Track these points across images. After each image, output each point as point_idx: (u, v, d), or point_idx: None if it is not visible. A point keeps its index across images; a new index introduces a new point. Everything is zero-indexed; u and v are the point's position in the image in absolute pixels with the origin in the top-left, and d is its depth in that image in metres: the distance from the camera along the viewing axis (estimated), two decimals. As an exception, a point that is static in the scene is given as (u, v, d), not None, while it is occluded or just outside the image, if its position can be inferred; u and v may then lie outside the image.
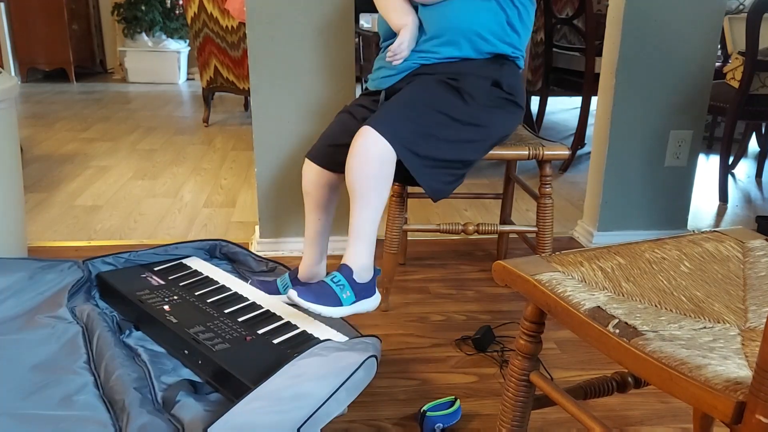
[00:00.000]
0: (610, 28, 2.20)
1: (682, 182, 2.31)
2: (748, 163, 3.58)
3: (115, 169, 3.20)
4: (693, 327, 0.81)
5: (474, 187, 2.94)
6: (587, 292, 0.88)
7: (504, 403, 1.02)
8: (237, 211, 2.65)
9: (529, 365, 0.99)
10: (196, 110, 4.70)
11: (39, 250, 2.18)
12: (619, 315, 0.81)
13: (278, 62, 2.04)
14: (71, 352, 1.42)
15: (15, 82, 1.83)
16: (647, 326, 0.79)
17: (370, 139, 1.41)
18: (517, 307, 1.88)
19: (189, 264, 1.80)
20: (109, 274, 1.71)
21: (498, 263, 0.98)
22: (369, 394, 1.46)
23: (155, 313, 1.48)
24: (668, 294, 0.89)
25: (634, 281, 0.92)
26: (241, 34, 3.69)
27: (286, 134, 2.12)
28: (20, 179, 1.92)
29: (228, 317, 1.48)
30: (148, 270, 1.74)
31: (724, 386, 0.65)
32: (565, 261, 0.97)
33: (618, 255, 0.99)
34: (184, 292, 1.61)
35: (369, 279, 1.50)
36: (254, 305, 1.55)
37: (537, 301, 0.92)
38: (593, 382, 1.04)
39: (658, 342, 0.74)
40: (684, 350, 0.72)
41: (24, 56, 5.60)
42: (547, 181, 1.76)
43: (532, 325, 0.98)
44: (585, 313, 0.82)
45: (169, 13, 5.78)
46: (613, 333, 0.78)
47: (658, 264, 0.97)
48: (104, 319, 1.55)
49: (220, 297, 1.60)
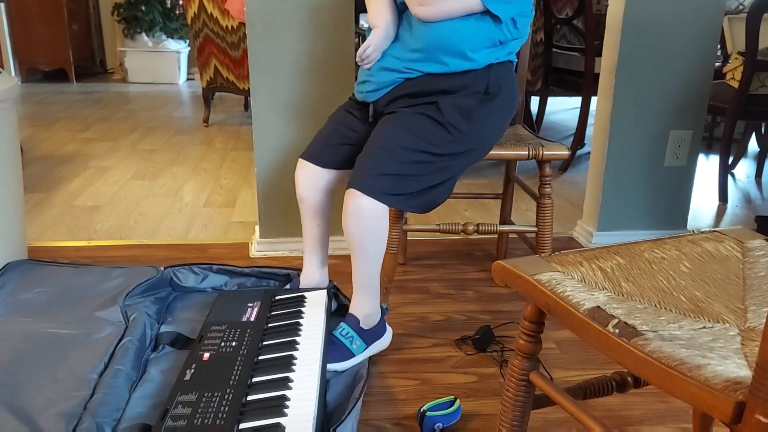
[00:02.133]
0: (610, 28, 2.20)
1: (681, 182, 2.31)
2: (747, 163, 3.58)
3: (115, 170, 3.20)
4: (692, 327, 0.81)
5: (474, 187, 2.94)
6: (587, 292, 0.88)
7: (504, 402, 1.02)
8: (237, 211, 2.65)
9: (528, 365, 0.99)
10: (196, 110, 4.70)
11: (39, 250, 2.18)
12: (619, 315, 0.81)
13: (278, 62, 2.04)
14: (92, 356, 1.43)
15: (15, 82, 1.83)
16: (647, 326, 0.79)
17: (358, 200, 1.44)
18: (517, 307, 1.88)
19: (306, 301, 1.66)
20: (228, 293, 1.73)
21: (498, 263, 0.98)
22: (369, 394, 1.47)
23: (190, 359, 1.41)
24: (668, 294, 0.89)
25: (633, 281, 0.92)
26: (241, 34, 3.69)
27: (286, 134, 2.12)
28: (20, 179, 1.92)
29: (239, 391, 1.29)
30: (263, 299, 1.67)
31: (724, 386, 0.65)
32: (564, 261, 0.97)
33: (617, 255, 0.98)
34: (251, 338, 1.49)
35: (377, 323, 1.59)
36: (286, 382, 1.33)
37: (537, 301, 0.92)
38: (593, 381, 1.04)
39: (657, 342, 0.74)
40: (683, 350, 0.72)
41: (24, 56, 5.60)
42: (547, 181, 1.76)
43: (532, 325, 0.98)
44: (585, 313, 0.82)
45: (169, 13, 5.78)
46: (612, 333, 0.78)
47: (658, 264, 0.97)
48: (143, 327, 1.53)
49: (275, 357, 1.42)
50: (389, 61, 1.54)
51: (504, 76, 1.56)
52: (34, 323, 1.56)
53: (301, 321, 1.55)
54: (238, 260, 2.15)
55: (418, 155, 1.47)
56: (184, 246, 2.28)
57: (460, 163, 1.55)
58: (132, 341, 1.47)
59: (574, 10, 3.46)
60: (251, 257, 2.19)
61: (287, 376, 1.34)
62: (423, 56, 1.50)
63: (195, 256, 2.16)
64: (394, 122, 1.52)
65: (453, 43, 1.47)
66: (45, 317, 1.59)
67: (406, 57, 1.51)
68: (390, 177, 1.46)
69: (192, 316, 1.68)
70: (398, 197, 1.48)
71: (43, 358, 1.42)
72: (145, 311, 1.61)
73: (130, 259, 2.15)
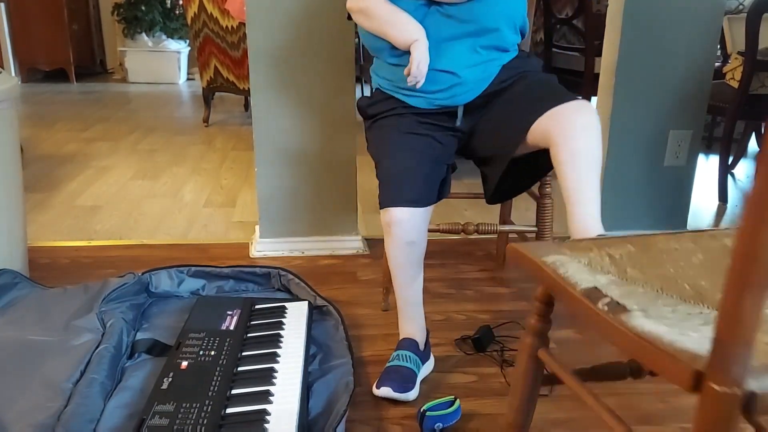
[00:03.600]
0: (610, 27, 2.20)
1: (681, 182, 2.31)
2: (747, 163, 3.58)
3: (115, 169, 3.21)
4: (688, 311, 0.83)
5: (474, 187, 2.94)
6: (589, 274, 0.90)
7: (516, 379, 1.06)
8: (237, 211, 2.65)
9: (538, 342, 1.02)
10: (196, 110, 4.70)
11: (39, 250, 2.18)
12: (615, 296, 0.83)
13: (278, 62, 2.04)
14: (68, 364, 1.39)
15: (15, 82, 1.83)
16: (637, 306, 0.81)
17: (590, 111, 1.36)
18: (517, 306, 1.88)
19: (287, 312, 1.64)
20: (207, 299, 1.70)
21: (511, 245, 1.01)
22: (369, 393, 1.47)
23: (167, 367, 1.38)
24: (672, 281, 0.90)
25: (640, 268, 0.93)
26: (241, 34, 3.68)
27: (286, 134, 2.12)
28: (20, 179, 1.92)
29: (218, 403, 1.26)
30: (243, 307, 1.65)
31: (687, 358, 0.69)
32: (575, 246, 1.00)
33: (630, 244, 1.01)
34: (231, 348, 1.45)
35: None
36: (266, 396, 1.30)
37: (541, 280, 0.96)
38: (602, 365, 1.06)
39: (641, 319, 0.77)
40: (665, 327, 0.75)
41: (24, 56, 5.61)
42: (547, 181, 1.76)
43: (542, 306, 1.01)
44: (580, 292, 0.85)
45: (169, 13, 5.78)
46: (601, 310, 0.81)
47: (669, 254, 0.98)
48: (120, 334, 1.50)
49: (255, 369, 1.39)
50: (469, 57, 1.47)
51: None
52: (8, 330, 1.52)
53: (282, 333, 1.54)
54: (238, 260, 2.15)
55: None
56: (184, 246, 2.28)
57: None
58: (108, 348, 1.44)
59: (574, 10, 3.46)
60: (251, 257, 2.19)
61: (268, 390, 1.31)
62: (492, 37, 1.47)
63: (195, 256, 2.17)
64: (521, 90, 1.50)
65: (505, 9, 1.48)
66: (20, 324, 1.55)
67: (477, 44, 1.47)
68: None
69: (169, 322, 1.65)
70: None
71: (17, 367, 1.38)
72: (122, 317, 1.57)
73: (130, 259, 2.15)
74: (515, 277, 2.07)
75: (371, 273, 2.07)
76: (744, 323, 0.64)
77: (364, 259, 2.18)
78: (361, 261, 2.15)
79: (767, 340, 0.76)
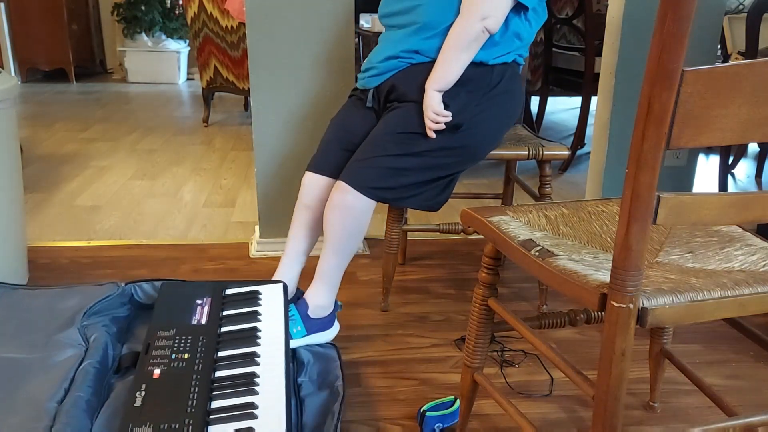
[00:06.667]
0: (610, 27, 2.20)
1: (682, 182, 2.31)
2: (747, 163, 3.58)
3: (115, 169, 3.20)
4: (607, 258, 0.99)
5: (474, 187, 2.94)
6: (527, 230, 1.10)
7: (470, 324, 1.23)
8: (237, 211, 2.65)
9: (488, 292, 1.20)
10: (196, 110, 4.70)
11: (39, 250, 2.18)
12: (546, 245, 1.02)
13: (278, 62, 2.04)
14: (51, 382, 1.31)
15: (15, 82, 1.83)
16: (563, 253, 1.00)
17: (345, 195, 1.47)
18: (516, 307, 1.88)
19: (262, 298, 1.55)
20: (172, 285, 1.57)
21: (464, 210, 1.19)
22: (369, 394, 1.47)
23: (138, 378, 1.27)
24: (597, 236, 1.09)
25: (572, 226, 1.13)
26: (241, 34, 3.68)
27: (286, 134, 2.12)
28: (20, 179, 1.92)
29: (198, 421, 1.16)
30: (213, 294, 1.54)
31: (596, 285, 0.88)
32: (518, 210, 1.19)
33: (563, 207, 1.21)
34: (205, 348, 1.35)
35: (326, 315, 1.58)
36: (250, 408, 1.22)
37: (488, 237, 1.13)
38: (544, 314, 1.23)
39: (564, 261, 0.97)
40: (582, 266, 0.94)
41: (24, 56, 5.60)
42: (547, 181, 1.76)
43: (490, 260, 1.19)
44: (517, 243, 1.04)
45: (169, 13, 5.78)
46: (533, 255, 0.99)
47: (598, 215, 1.17)
48: (105, 348, 1.42)
49: (234, 374, 1.31)
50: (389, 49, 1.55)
51: (510, 77, 1.57)
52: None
53: (259, 326, 1.45)
54: (237, 260, 2.15)
55: (408, 146, 1.48)
56: (184, 246, 2.28)
57: (455, 160, 1.54)
58: (92, 364, 1.36)
59: (574, 10, 3.46)
60: (251, 257, 2.19)
61: (251, 402, 1.22)
62: (431, 33, 1.50)
63: (194, 256, 2.17)
64: (388, 116, 1.53)
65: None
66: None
67: (413, 40, 1.52)
68: (380, 170, 1.46)
69: None
70: (387, 191, 1.48)
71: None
72: (106, 331, 1.49)
73: (130, 259, 2.15)
74: (515, 277, 2.06)
75: (371, 273, 2.07)
76: (633, 251, 0.81)
77: (364, 259, 2.18)
78: (360, 261, 2.15)
79: (670, 276, 0.94)
